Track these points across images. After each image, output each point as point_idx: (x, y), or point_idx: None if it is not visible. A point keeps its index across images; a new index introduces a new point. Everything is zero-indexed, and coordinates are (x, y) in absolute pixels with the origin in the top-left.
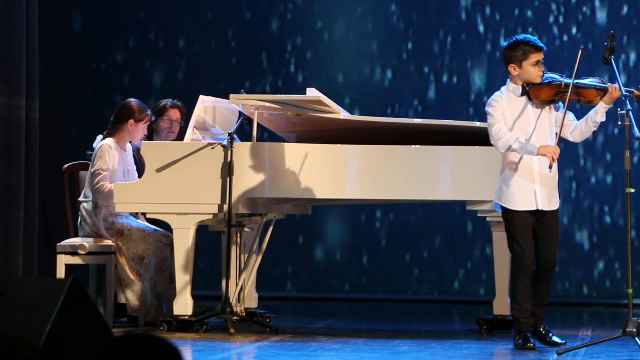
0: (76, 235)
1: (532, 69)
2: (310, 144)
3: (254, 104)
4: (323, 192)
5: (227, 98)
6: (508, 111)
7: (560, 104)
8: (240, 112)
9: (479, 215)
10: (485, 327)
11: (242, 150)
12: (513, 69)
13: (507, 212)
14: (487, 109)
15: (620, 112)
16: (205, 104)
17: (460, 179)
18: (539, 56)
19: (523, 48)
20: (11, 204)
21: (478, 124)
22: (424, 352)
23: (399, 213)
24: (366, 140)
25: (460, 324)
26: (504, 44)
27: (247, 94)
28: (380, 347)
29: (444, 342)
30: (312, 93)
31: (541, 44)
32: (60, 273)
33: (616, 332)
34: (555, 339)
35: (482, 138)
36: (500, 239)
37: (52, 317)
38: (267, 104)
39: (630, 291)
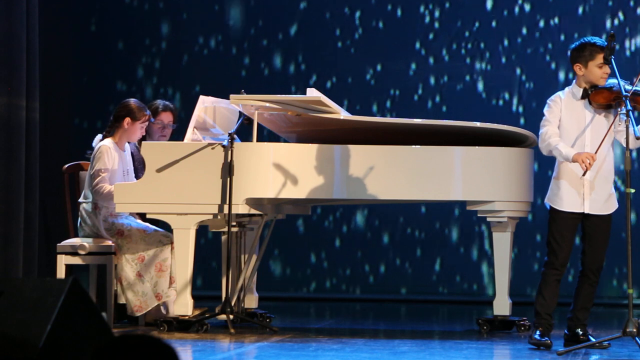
0: (76, 236)
1: (596, 70)
2: (310, 144)
3: (254, 104)
4: (323, 192)
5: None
6: (565, 112)
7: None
8: (240, 112)
9: (479, 215)
10: (485, 327)
11: (242, 150)
12: (578, 69)
13: (552, 211)
14: (545, 108)
15: (620, 112)
16: (205, 104)
17: (467, 179)
18: None
19: (590, 48)
20: (11, 204)
21: (478, 124)
22: (424, 352)
23: (398, 213)
24: (366, 140)
25: (460, 324)
26: (572, 45)
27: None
28: (380, 347)
29: (444, 342)
30: (312, 93)
31: None
32: (60, 273)
33: (616, 332)
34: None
35: (482, 138)
36: (500, 239)
37: (52, 317)
38: (267, 104)
39: (631, 291)
